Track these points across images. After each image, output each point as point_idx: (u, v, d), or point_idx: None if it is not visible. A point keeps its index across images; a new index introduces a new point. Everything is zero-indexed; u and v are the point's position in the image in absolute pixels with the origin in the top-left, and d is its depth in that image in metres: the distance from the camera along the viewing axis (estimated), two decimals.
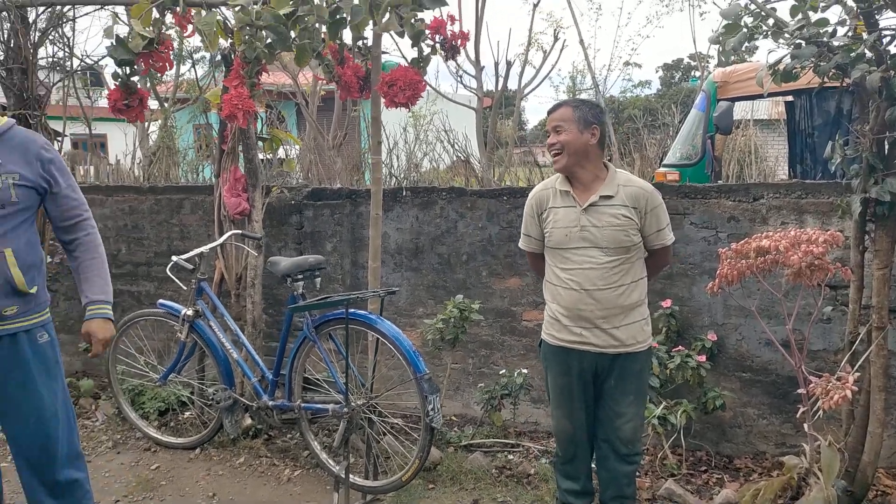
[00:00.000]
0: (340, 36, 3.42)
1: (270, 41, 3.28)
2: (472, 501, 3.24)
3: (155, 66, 3.45)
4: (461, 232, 4.04)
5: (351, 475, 3.19)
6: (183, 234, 4.69)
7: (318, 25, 3.28)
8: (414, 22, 3.19)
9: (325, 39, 3.39)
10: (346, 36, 3.47)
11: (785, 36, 2.71)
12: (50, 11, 4.41)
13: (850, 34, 2.72)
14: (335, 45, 3.49)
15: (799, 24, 2.66)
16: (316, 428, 3.75)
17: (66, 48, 5.03)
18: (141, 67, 3.47)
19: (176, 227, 4.71)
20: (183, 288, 3.81)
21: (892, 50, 2.69)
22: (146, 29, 3.36)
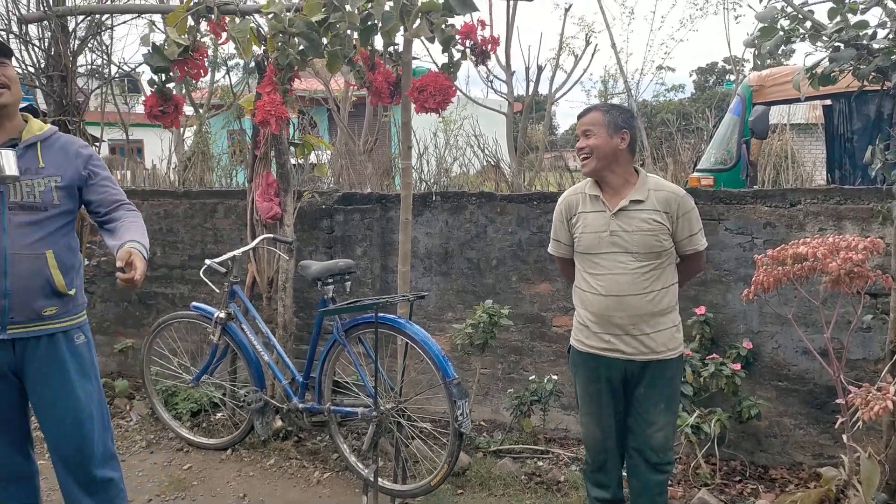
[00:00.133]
0: (371, 42, 3.45)
1: (303, 48, 3.32)
2: None
3: (190, 72, 3.51)
4: (491, 237, 4.03)
5: (380, 479, 3.20)
6: (216, 237, 4.76)
7: (349, 32, 3.32)
8: (444, 27, 3.19)
9: (356, 46, 3.43)
10: (376, 42, 3.50)
11: (823, 39, 2.65)
12: (89, 20, 4.53)
13: (890, 36, 2.65)
14: (366, 51, 3.53)
15: (837, 26, 2.60)
16: (345, 431, 3.77)
17: (104, 56, 5.15)
18: (176, 74, 3.54)
19: (210, 230, 4.78)
20: (216, 291, 3.86)
21: None
22: (181, 36, 3.43)
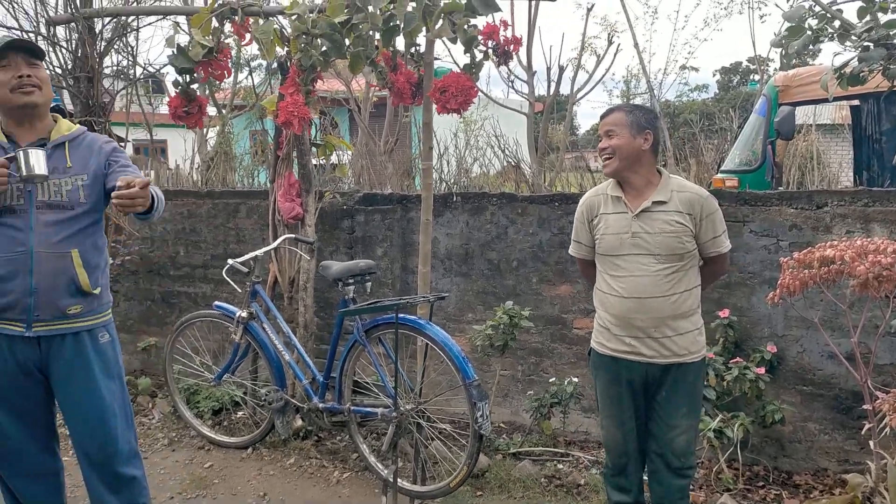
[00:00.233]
0: (393, 43, 3.45)
1: (325, 49, 3.33)
2: None
3: (214, 74, 3.54)
4: (511, 238, 4.01)
5: (399, 479, 3.20)
6: (239, 237, 4.80)
7: (371, 33, 3.32)
8: (467, 28, 3.19)
9: (378, 46, 3.43)
10: (398, 43, 3.50)
11: (852, 38, 2.61)
12: (115, 22, 4.59)
13: None
14: (388, 52, 3.53)
15: (867, 25, 2.56)
16: (364, 431, 3.78)
17: (129, 57, 5.22)
18: (200, 75, 3.57)
19: (232, 230, 4.82)
20: (238, 290, 3.89)
21: None
22: (206, 38, 3.46)
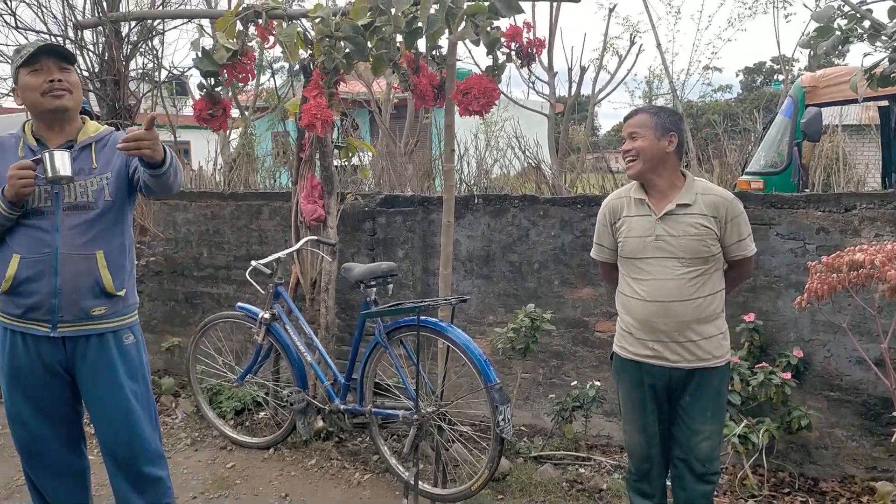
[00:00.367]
0: (416, 45, 3.45)
1: (348, 51, 3.34)
2: None
3: (238, 76, 3.57)
4: (533, 240, 4.00)
5: (420, 482, 3.20)
6: (261, 239, 4.83)
7: (394, 35, 3.33)
8: (490, 30, 3.18)
9: (400, 49, 3.44)
10: (420, 45, 3.50)
11: (882, 38, 2.56)
12: (141, 25, 4.64)
13: None
14: (411, 54, 3.53)
15: None
16: (385, 433, 3.78)
17: (155, 60, 5.28)
18: (224, 78, 3.60)
19: (255, 232, 4.85)
20: (261, 291, 3.91)
21: None
22: (230, 41, 3.48)
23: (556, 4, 9.28)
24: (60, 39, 4.57)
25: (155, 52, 5.39)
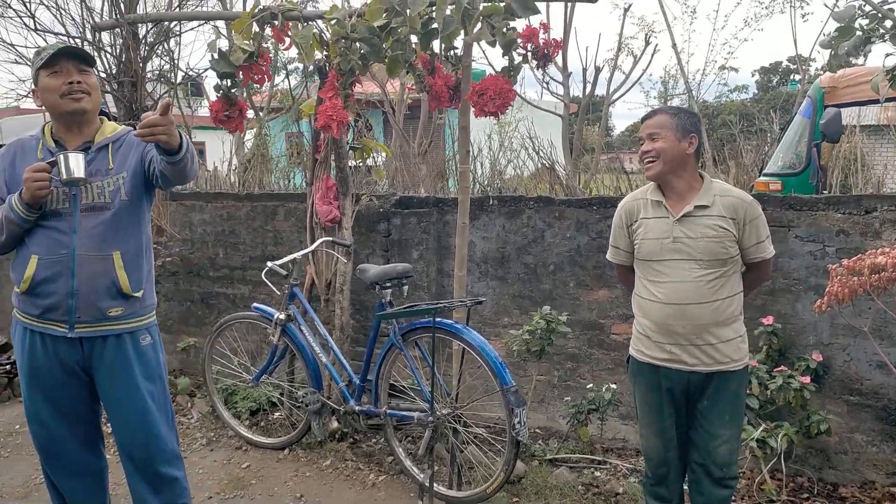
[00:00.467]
0: (432, 46, 3.44)
1: (364, 53, 3.34)
2: None
3: (254, 78, 3.57)
4: (548, 241, 3.98)
5: (435, 484, 3.19)
6: (276, 239, 4.84)
7: (410, 36, 3.32)
8: (506, 31, 3.17)
9: (415, 50, 3.43)
10: (436, 46, 3.49)
11: None
12: (157, 27, 4.67)
13: None
14: (426, 55, 3.52)
15: None
16: (399, 434, 3.78)
17: (171, 62, 5.31)
18: (240, 80, 3.61)
19: (270, 232, 4.87)
20: (276, 292, 3.92)
21: None
22: (246, 42, 3.49)
23: (570, 5, 9.26)
24: (78, 41, 4.61)
25: (171, 53, 5.43)
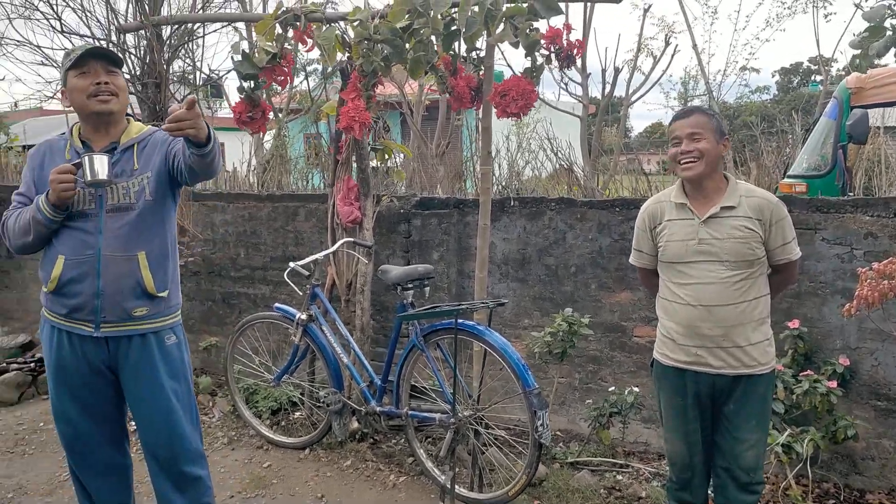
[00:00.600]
0: (454, 47, 3.44)
1: (386, 54, 3.34)
2: None
3: (276, 79, 3.59)
4: (570, 243, 3.96)
5: (456, 486, 3.18)
6: (297, 240, 4.86)
7: (432, 38, 3.32)
8: (529, 32, 3.16)
9: (437, 51, 3.43)
10: (458, 47, 3.48)
11: None
12: (182, 28, 4.71)
13: None
14: (448, 56, 3.52)
15: None
16: (420, 436, 3.77)
17: (193, 63, 5.35)
18: (264, 81, 3.62)
19: (291, 233, 4.89)
20: (297, 292, 3.94)
21: None
22: (269, 44, 3.50)
23: (589, 5, 9.22)
24: (103, 43, 4.66)
25: (191, 54, 5.47)
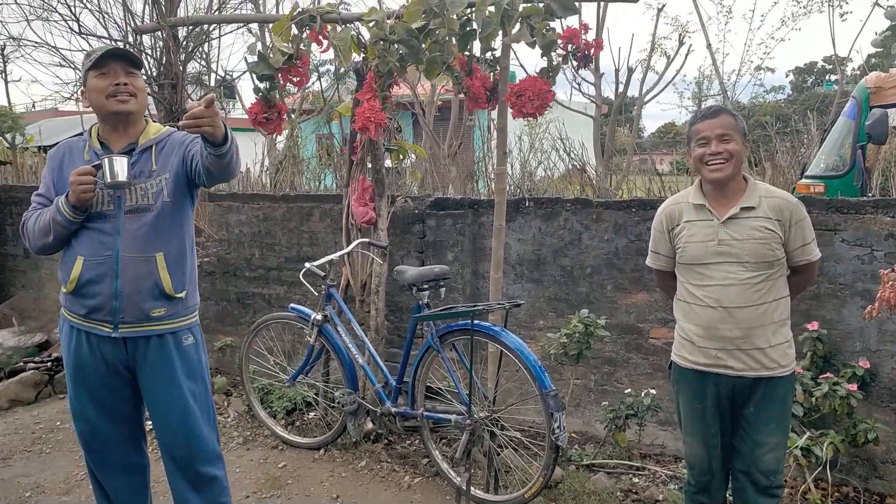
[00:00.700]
0: (469, 48, 3.43)
1: (402, 54, 3.34)
2: None
3: (292, 80, 3.60)
4: (585, 244, 3.94)
5: (471, 487, 3.17)
6: (312, 240, 4.87)
7: (448, 38, 3.32)
8: (545, 32, 3.15)
9: (453, 51, 3.42)
10: (474, 47, 3.48)
11: None
12: (197, 30, 4.73)
13: None
14: (464, 56, 3.52)
15: None
16: (435, 437, 3.77)
17: (208, 65, 5.37)
18: (279, 83, 3.63)
19: (305, 233, 4.90)
20: (313, 293, 3.94)
21: None
22: (285, 45, 3.51)
23: (603, 5, 9.18)
24: (120, 44, 4.69)
25: (205, 56, 5.50)
